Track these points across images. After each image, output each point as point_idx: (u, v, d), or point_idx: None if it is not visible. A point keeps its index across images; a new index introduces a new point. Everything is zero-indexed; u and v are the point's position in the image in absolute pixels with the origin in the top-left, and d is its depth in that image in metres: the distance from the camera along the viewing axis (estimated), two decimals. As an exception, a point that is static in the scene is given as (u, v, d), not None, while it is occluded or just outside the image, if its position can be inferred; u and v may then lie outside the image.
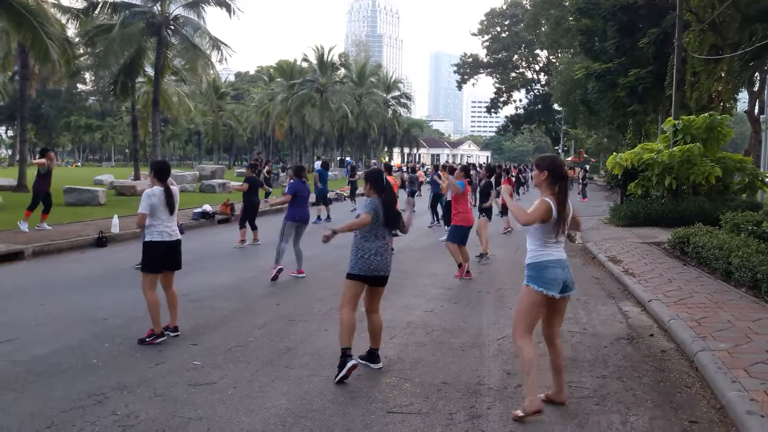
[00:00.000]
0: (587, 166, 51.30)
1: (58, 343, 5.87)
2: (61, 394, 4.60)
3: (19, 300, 7.66)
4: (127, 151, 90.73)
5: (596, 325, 6.69)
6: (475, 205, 12.05)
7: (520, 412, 4.19)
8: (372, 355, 5.24)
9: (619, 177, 16.44)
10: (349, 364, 4.85)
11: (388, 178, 12.36)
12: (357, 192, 22.31)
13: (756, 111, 22.15)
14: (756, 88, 21.60)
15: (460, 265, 9.21)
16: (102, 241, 12.31)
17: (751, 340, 5.61)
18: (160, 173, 6.15)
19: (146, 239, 6.03)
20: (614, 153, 17.29)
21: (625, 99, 26.58)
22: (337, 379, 4.85)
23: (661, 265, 9.78)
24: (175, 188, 6.27)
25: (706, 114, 15.39)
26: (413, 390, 4.75)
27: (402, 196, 24.59)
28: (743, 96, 25.80)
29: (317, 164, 36.50)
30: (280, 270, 9.02)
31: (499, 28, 64.96)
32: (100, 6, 23.86)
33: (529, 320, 4.33)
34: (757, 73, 20.68)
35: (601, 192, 32.20)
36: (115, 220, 13.19)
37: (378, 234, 5.11)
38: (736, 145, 56.09)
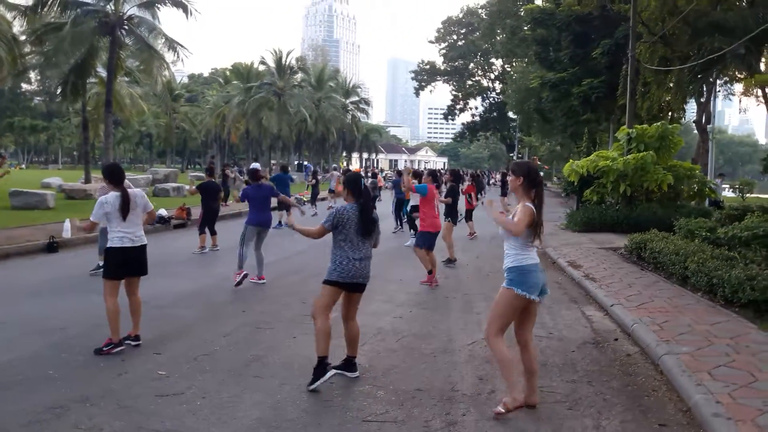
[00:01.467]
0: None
1: (11, 353, 5.60)
2: (17, 408, 4.38)
3: (-33, 308, 7.29)
4: (75, 153, 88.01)
5: (562, 330, 6.78)
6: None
7: (501, 409, 4.28)
8: (349, 364, 5.14)
9: (576, 184, 16.79)
10: (329, 375, 4.81)
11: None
12: (318, 197, 22.26)
13: (703, 120, 23.02)
14: (703, 99, 22.46)
15: (430, 272, 9.19)
16: (53, 247, 11.85)
17: (711, 344, 5.77)
18: (114, 176, 5.94)
19: (109, 245, 5.83)
20: (570, 160, 17.67)
21: (579, 108, 27.21)
22: (311, 387, 4.76)
23: (620, 270, 10.00)
24: (134, 191, 6.05)
25: (659, 123, 15.89)
26: (387, 398, 4.70)
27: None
28: (691, 106, 26.79)
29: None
30: (245, 276, 8.84)
31: (455, 37, 65.78)
32: (48, 4, 23.03)
33: (504, 322, 4.43)
34: (704, 85, 21.51)
35: (555, 198, 32.81)
36: (67, 224, 12.72)
37: (354, 240, 5.02)
38: (681, 154, 58.02)
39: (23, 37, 24.67)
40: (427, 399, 4.68)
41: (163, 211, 16.45)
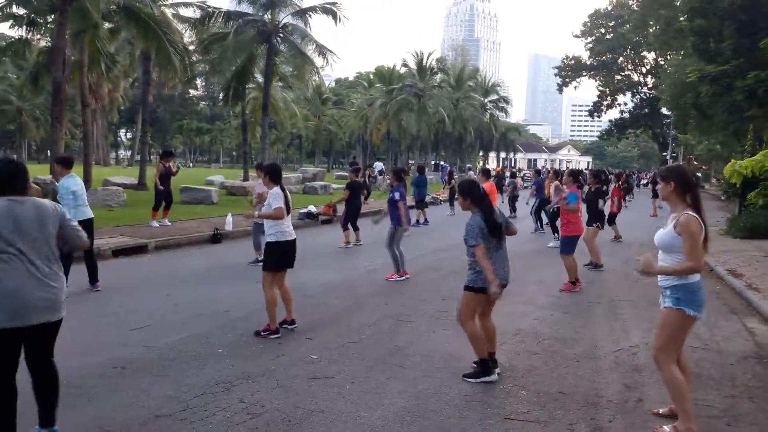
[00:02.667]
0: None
1: (186, 332, 6.30)
2: (192, 380, 4.94)
3: (147, 290, 8.28)
4: (234, 153, 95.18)
5: (720, 342, 6.34)
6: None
7: (669, 431, 4.04)
8: (490, 360, 5.23)
9: (738, 186, 15.42)
10: (493, 377, 5.02)
11: (486, 183, 12.30)
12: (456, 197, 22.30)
13: None
14: None
15: (573, 282, 8.90)
16: (216, 238, 13.03)
17: None
18: (275, 175, 6.42)
19: (269, 240, 6.30)
20: (732, 160, 16.22)
21: (743, 103, 24.76)
22: (477, 380, 4.99)
23: (789, 281, 9.11)
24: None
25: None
26: (529, 398, 4.71)
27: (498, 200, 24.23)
28: None
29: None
30: (405, 276, 9.32)
31: (603, 30, 62.56)
32: (214, 16, 25.26)
33: (677, 345, 4.13)
34: None
35: (714, 202, 30.27)
36: (229, 218, 13.92)
37: (491, 246, 5.05)
38: None
39: (192, 47, 27.30)
40: (571, 402, 4.62)
41: (312, 208, 17.43)
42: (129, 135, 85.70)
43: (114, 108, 56.66)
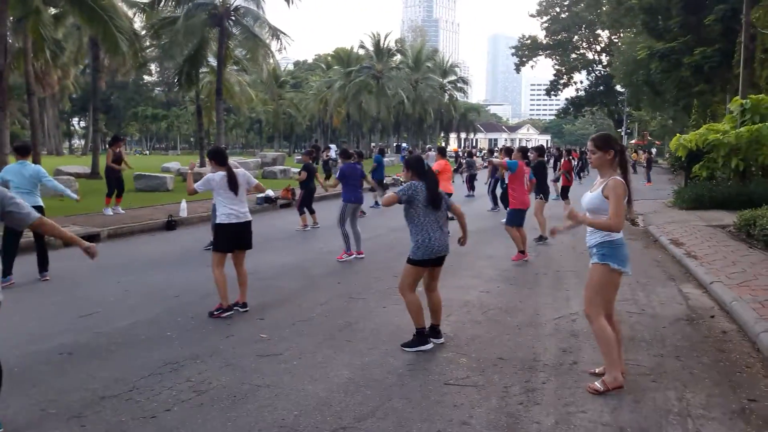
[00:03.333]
0: (653, 149, 49.68)
1: (136, 316, 6.31)
2: (140, 362, 4.98)
3: (98, 277, 8.21)
4: (192, 139, 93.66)
5: (655, 306, 6.65)
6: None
7: (600, 386, 4.28)
8: (434, 331, 5.43)
9: (683, 159, 15.96)
10: (429, 346, 5.21)
11: (443, 161, 12.52)
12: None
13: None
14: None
15: (521, 251, 9.21)
16: (171, 225, 12.92)
17: (817, 322, 5.47)
18: (217, 157, 6.47)
19: (218, 221, 6.40)
20: (677, 134, 16.77)
21: (691, 79, 25.61)
22: (413, 349, 5.18)
23: (725, 248, 9.53)
24: (240, 170, 6.57)
25: (777, 92, 14.74)
26: (469, 364, 4.90)
27: (457, 180, 24.47)
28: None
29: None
30: (354, 256, 9.42)
31: (558, 9, 63.28)
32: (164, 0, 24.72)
33: (604, 298, 4.40)
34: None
35: (665, 175, 31.20)
36: (183, 204, 13.80)
37: (429, 217, 5.24)
38: (813, 126, 52.97)
39: (143, 32, 26.68)
40: (509, 367, 4.83)
41: (270, 192, 17.37)
42: (83, 124, 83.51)
43: (65, 96, 55.10)
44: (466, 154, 28.14)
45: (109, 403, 4.19)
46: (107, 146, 14.78)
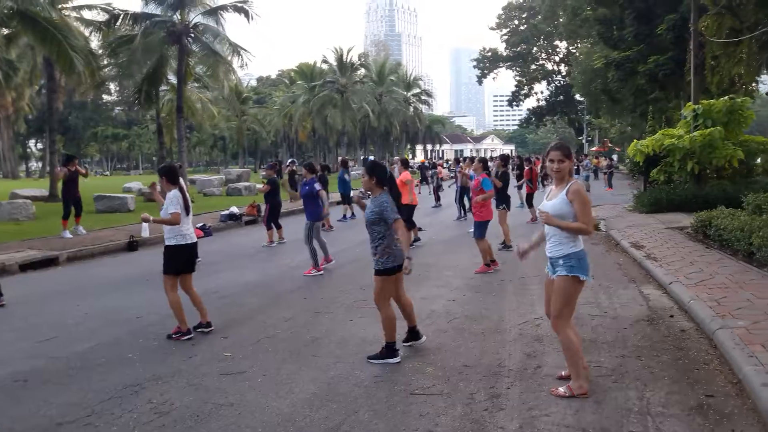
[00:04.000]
0: (614, 156, 50.71)
1: (95, 340, 6.16)
2: (99, 386, 4.85)
3: (56, 302, 8.01)
4: (154, 158, 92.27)
5: (617, 308, 6.76)
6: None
7: (564, 391, 4.31)
8: (413, 332, 5.48)
9: (641, 164, 16.34)
10: (396, 360, 5.18)
11: (404, 173, 12.59)
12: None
13: (780, 92, 21.74)
14: (777, 70, 21.21)
15: (488, 264, 9.21)
16: (133, 245, 12.68)
17: (770, 317, 5.64)
18: (169, 175, 6.24)
19: (169, 243, 6.22)
20: (635, 140, 17.17)
21: (646, 86, 26.28)
22: (380, 361, 5.15)
23: (683, 248, 9.77)
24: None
25: (726, 98, 15.23)
26: (435, 373, 4.90)
27: (424, 191, 24.57)
28: (767, 77, 25.34)
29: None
30: (330, 262, 9.53)
31: (517, 21, 64.52)
32: (121, 18, 24.37)
33: (572, 309, 4.46)
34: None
35: (626, 180, 31.86)
36: (145, 224, 13.51)
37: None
38: (764, 128, 54.97)
39: (100, 51, 26.23)
40: (474, 374, 4.85)
41: (234, 209, 17.22)
42: (40, 145, 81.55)
43: (20, 118, 53.75)
44: (431, 165, 28.38)
45: (67, 429, 4.08)
46: (62, 165, 14.39)
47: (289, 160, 29.84)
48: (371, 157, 62.02)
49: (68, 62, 19.16)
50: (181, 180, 6.42)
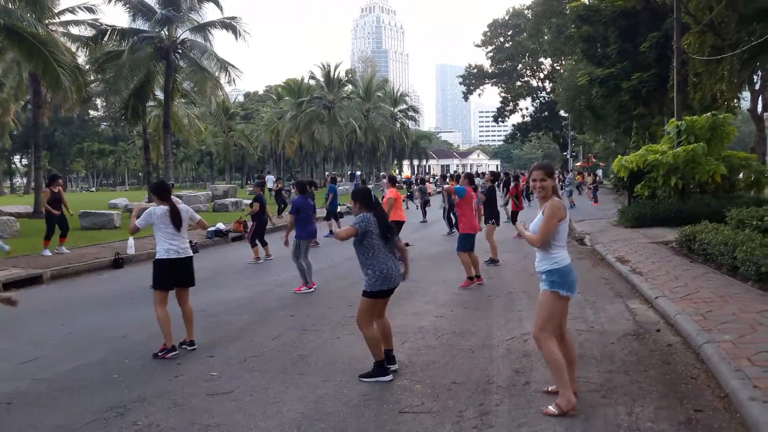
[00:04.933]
0: (600, 171, 51.21)
1: (80, 360, 6.07)
2: (83, 408, 4.78)
3: (40, 321, 7.89)
4: (140, 174, 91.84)
5: (604, 323, 6.79)
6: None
7: (554, 410, 4.29)
8: (388, 357, 5.39)
9: (626, 179, 16.51)
10: (388, 378, 5.14)
11: (391, 189, 12.63)
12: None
13: (759, 109, 22.14)
14: (757, 87, 21.61)
15: (470, 278, 9.24)
16: (118, 263, 12.56)
17: (755, 331, 5.69)
18: (160, 192, 6.33)
19: (157, 257, 6.24)
20: (619, 156, 17.36)
21: (630, 102, 26.66)
22: (372, 379, 5.13)
23: (668, 263, 9.85)
24: (182, 206, 6.45)
25: (709, 114, 15.47)
26: (424, 391, 4.88)
27: (411, 206, 24.62)
28: (748, 94, 25.82)
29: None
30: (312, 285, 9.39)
31: (502, 39, 65.28)
32: (108, 33, 24.38)
33: (554, 324, 4.47)
34: (759, 72, 20.72)
35: (611, 195, 32.15)
36: (131, 241, 13.45)
37: (385, 247, 5.23)
38: (745, 144, 55.81)
39: (87, 66, 26.17)
40: (463, 391, 4.83)
41: (221, 225, 17.12)
42: (25, 161, 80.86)
43: (5, 133, 53.28)
44: (418, 181, 28.45)
45: (50, 452, 4.00)
46: (46, 185, 14.23)
47: (273, 178, 29.79)
48: (358, 173, 62.16)
49: (54, 78, 19.07)
50: (174, 197, 6.44)
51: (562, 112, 59.70)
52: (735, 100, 23.12)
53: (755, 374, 4.57)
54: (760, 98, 22.09)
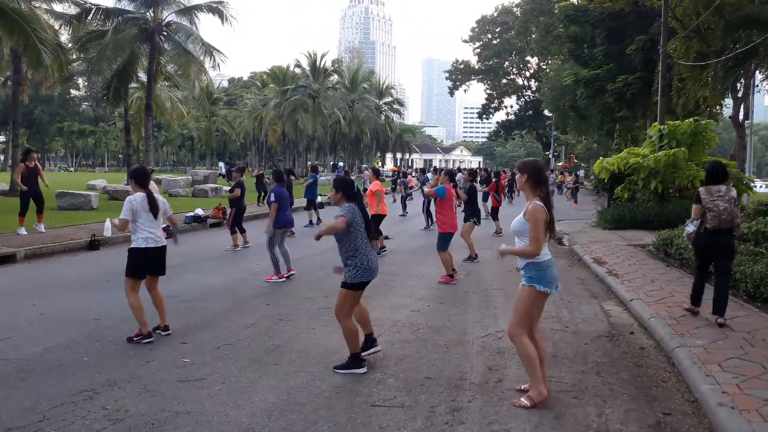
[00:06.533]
0: (581, 172, 51.64)
1: (50, 342, 5.97)
2: (52, 390, 4.71)
3: (11, 301, 7.75)
4: (120, 156, 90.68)
5: (578, 324, 6.84)
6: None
7: (527, 402, 4.37)
8: (371, 339, 5.43)
9: (606, 181, 16.65)
10: (362, 370, 5.13)
11: (375, 182, 12.61)
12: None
13: (741, 116, 22.45)
14: (740, 94, 21.92)
15: (451, 275, 9.26)
16: (94, 245, 12.39)
17: (726, 337, 5.78)
18: (139, 178, 6.26)
19: (132, 246, 6.15)
20: (600, 158, 17.50)
21: (614, 105, 26.90)
22: (346, 371, 5.12)
23: (644, 266, 9.96)
24: (157, 196, 6.37)
25: (691, 119, 15.63)
26: (397, 385, 4.88)
27: (392, 198, 24.60)
28: (730, 101, 26.18)
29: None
30: (291, 273, 9.32)
31: (490, 35, 65.43)
32: (92, 12, 23.94)
33: (528, 319, 4.51)
34: (742, 80, 21.01)
35: (591, 196, 32.42)
36: (108, 223, 13.27)
37: (366, 239, 5.24)
38: (725, 151, 56.62)
39: (69, 45, 25.70)
40: (435, 387, 4.84)
41: (199, 211, 16.96)
42: (2, 138, 79.35)
43: (-18, 110, 52.25)
44: (401, 174, 28.46)
45: (14, 435, 3.93)
46: (21, 159, 13.93)
47: (223, 164, 29.51)
48: (341, 164, 61.95)
49: (36, 55, 18.70)
50: (153, 184, 6.35)
51: (546, 112, 60.15)
52: (718, 107, 23.40)
53: (725, 380, 4.64)
54: (742, 106, 22.38)
